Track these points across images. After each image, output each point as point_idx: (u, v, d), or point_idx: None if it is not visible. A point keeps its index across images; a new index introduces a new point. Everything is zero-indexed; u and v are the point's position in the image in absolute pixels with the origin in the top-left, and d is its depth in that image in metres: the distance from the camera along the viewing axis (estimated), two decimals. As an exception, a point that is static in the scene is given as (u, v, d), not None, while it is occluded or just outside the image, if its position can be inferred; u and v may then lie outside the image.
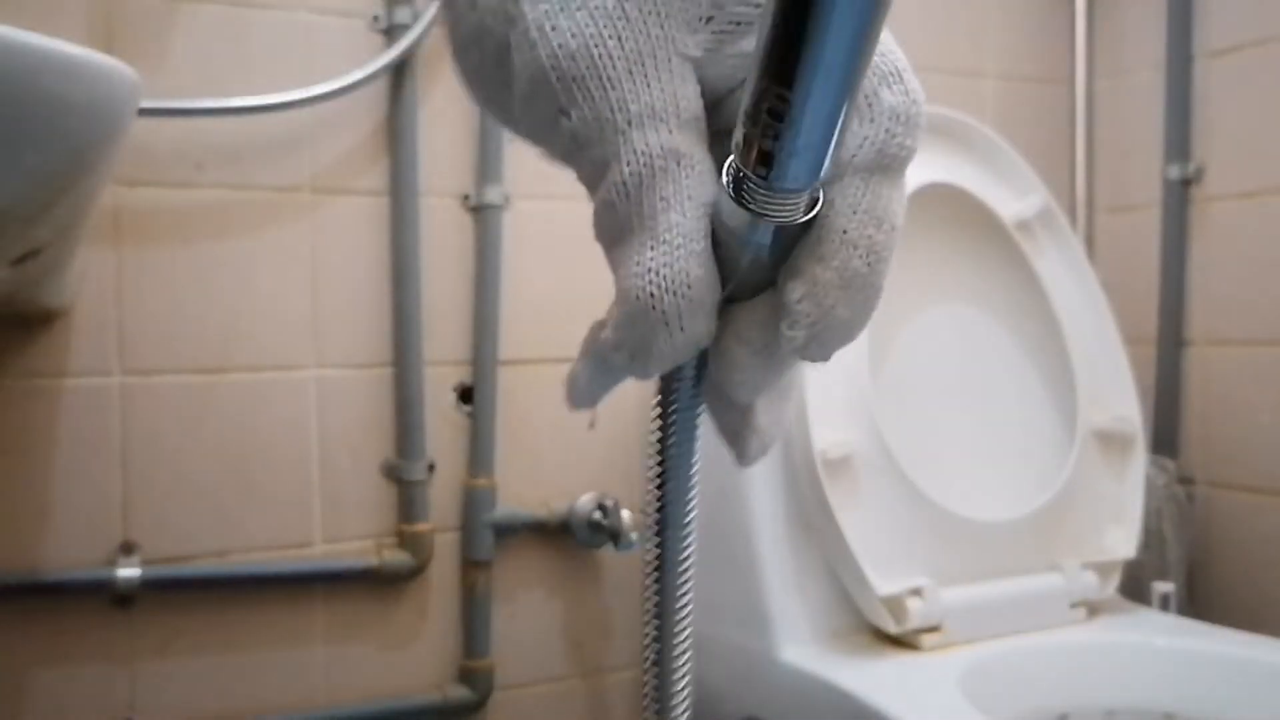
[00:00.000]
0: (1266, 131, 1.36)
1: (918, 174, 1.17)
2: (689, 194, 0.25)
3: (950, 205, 1.19)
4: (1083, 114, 1.55)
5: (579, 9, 0.26)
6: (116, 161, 0.91)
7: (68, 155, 0.63)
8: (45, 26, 0.74)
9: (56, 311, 1.05)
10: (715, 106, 0.27)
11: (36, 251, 0.77)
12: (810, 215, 0.25)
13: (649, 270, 0.25)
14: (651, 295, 0.25)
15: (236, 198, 1.13)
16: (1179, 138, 1.43)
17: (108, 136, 0.66)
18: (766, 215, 0.24)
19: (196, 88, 1.09)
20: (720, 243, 0.26)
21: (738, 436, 0.30)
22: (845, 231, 0.25)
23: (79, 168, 0.67)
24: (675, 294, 0.25)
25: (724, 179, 0.25)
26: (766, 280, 0.26)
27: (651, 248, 0.25)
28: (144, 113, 1.04)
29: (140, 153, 1.08)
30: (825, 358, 0.26)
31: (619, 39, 0.25)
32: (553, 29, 0.25)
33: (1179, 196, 1.44)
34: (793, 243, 0.25)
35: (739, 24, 0.26)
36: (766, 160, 0.23)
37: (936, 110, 1.20)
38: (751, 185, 0.24)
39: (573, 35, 0.25)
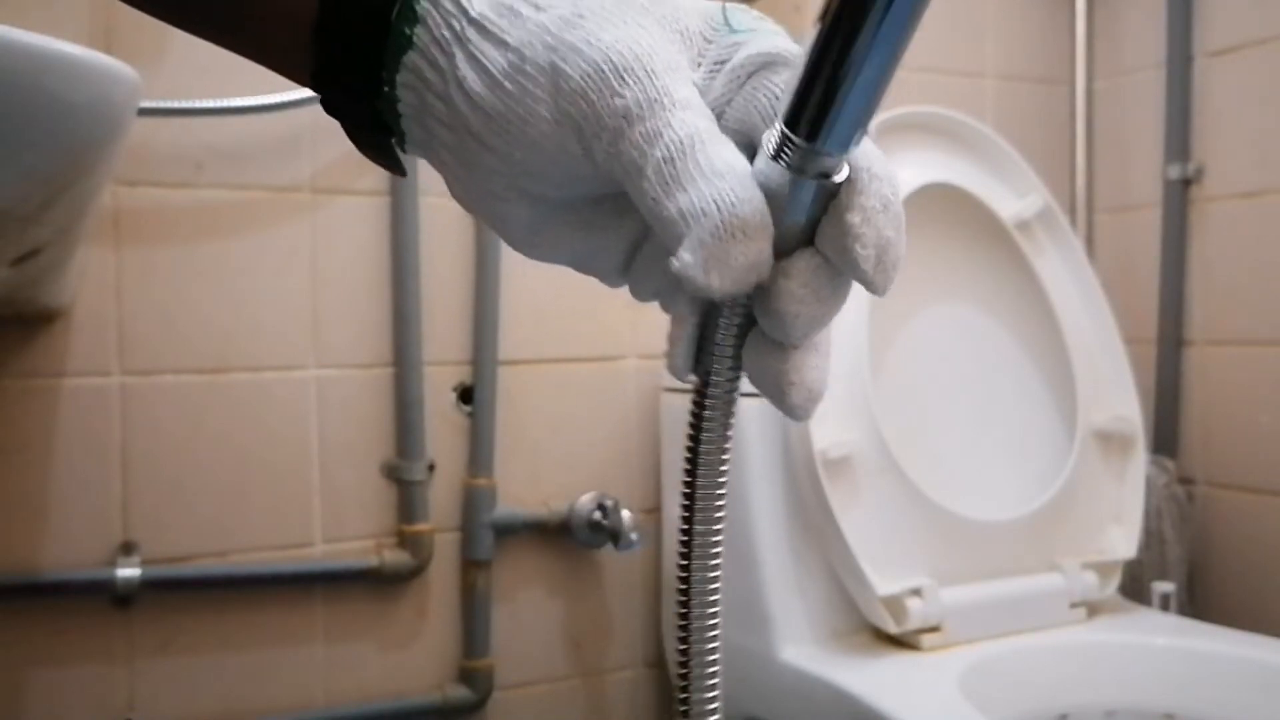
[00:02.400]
0: (1266, 131, 1.36)
1: (918, 174, 1.17)
2: (735, 154, 0.31)
3: (950, 205, 1.19)
4: (1083, 114, 1.55)
5: (617, 28, 0.32)
6: (116, 161, 0.91)
7: (68, 155, 0.63)
8: (45, 27, 0.74)
9: (56, 311, 1.05)
10: None
11: (36, 251, 0.77)
12: (846, 174, 0.31)
13: (721, 192, 0.29)
14: (732, 204, 0.29)
15: (236, 198, 1.13)
16: (1179, 138, 1.43)
17: (108, 136, 0.66)
18: (817, 176, 0.30)
19: (196, 88, 1.09)
20: None
21: (782, 390, 0.33)
22: (869, 169, 0.31)
23: (79, 168, 0.67)
24: (749, 204, 0.29)
25: (768, 148, 0.30)
26: (799, 240, 0.31)
27: (718, 179, 0.29)
28: (144, 113, 1.04)
29: (140, 153, 1.08)
30: (887, 280, 0.31)
31: (654, 51, 0.31)
32: (597, 40, 0.31)
33: (1179, 196, 1.44)
34: (826, 202, 0.31)
35: (720, 64, 0.33)
36: (816, 130, 0.29)
37: (936, 110, 1.20)
38: (794, 152, 0.29)
39: (617, 40, 0.31)
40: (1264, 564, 1.35)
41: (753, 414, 1.11)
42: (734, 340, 0.33)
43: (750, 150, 0.31)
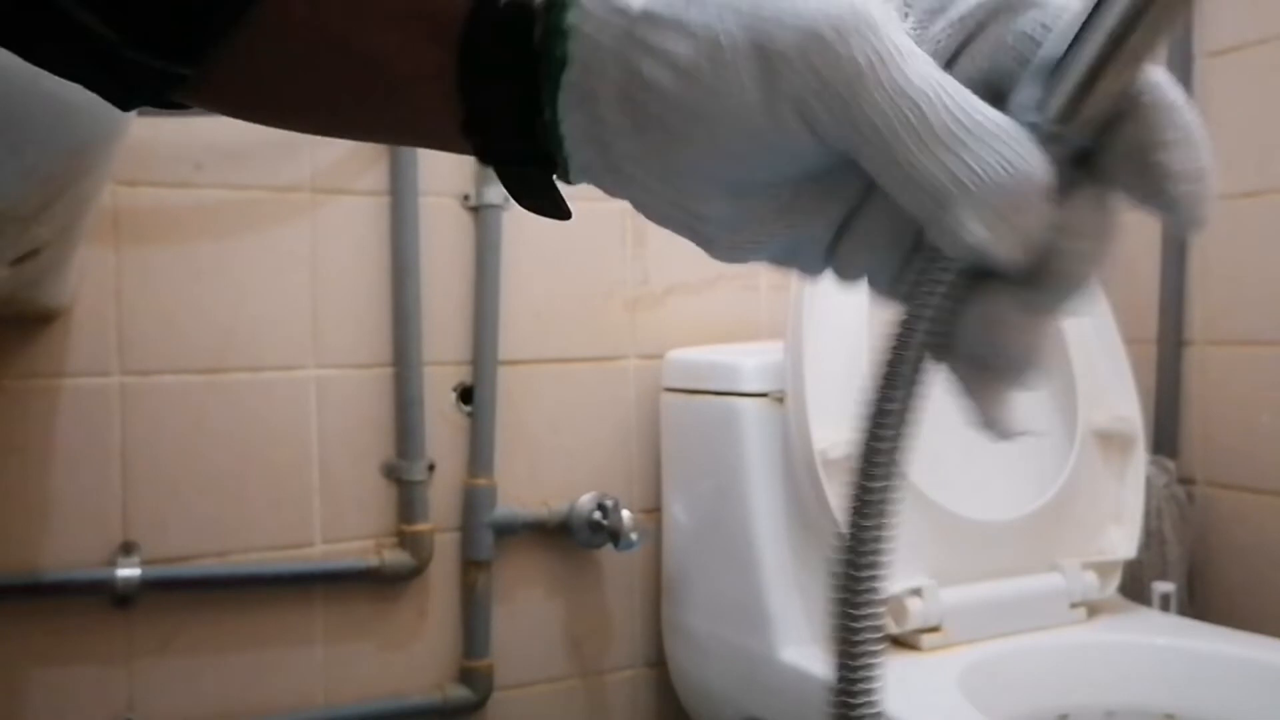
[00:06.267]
0: (1266, 131, 1.36)
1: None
2: (990, 108, 0.29)
3: (950, 205, 1.19)
4: (1083, 114, 1.55)
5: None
6: (116, 161, 0.91)
7: (68, 155, 0.63)
8: (45, 26, 0.74)
9: (56, 311, 1.05)
10: None
11: (36, 251, 0.77)
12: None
13: (1004, 152, 0.28)
14: (1021, 165, 0.27)
15: (236, 198, 1.13)
16: (1179, 138, 1.43)
17: (108, 136, 0.66)
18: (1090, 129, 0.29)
19: (196, 88, 1.09)
20: None
21: (1028, 363, 0.31)
22: (1163, 95, 0.29)
23: (79, 168, 0.67)
24: (1038, 165, 0.28)
25: (1028, 102, 0.29)
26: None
27: (995, 138, 0.28)
28: (144, 112, 1.04)
29: (140, 153, 1.08)
30: (1207, 215, 0.30)
31: (866, 4, 0.29)
32: (803, 6, 0.29)
33: (1179, 196, 1.43)
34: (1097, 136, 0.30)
35: (933, 13, 0.31)
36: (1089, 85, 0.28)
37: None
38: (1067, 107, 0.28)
39: (824, 3, 0.29)
40: (1264, 564, 1.35)
41: (751, 414, 1.11)
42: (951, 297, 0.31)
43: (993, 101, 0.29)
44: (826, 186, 0.32)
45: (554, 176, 0.34)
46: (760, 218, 0.32)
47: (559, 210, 0.36)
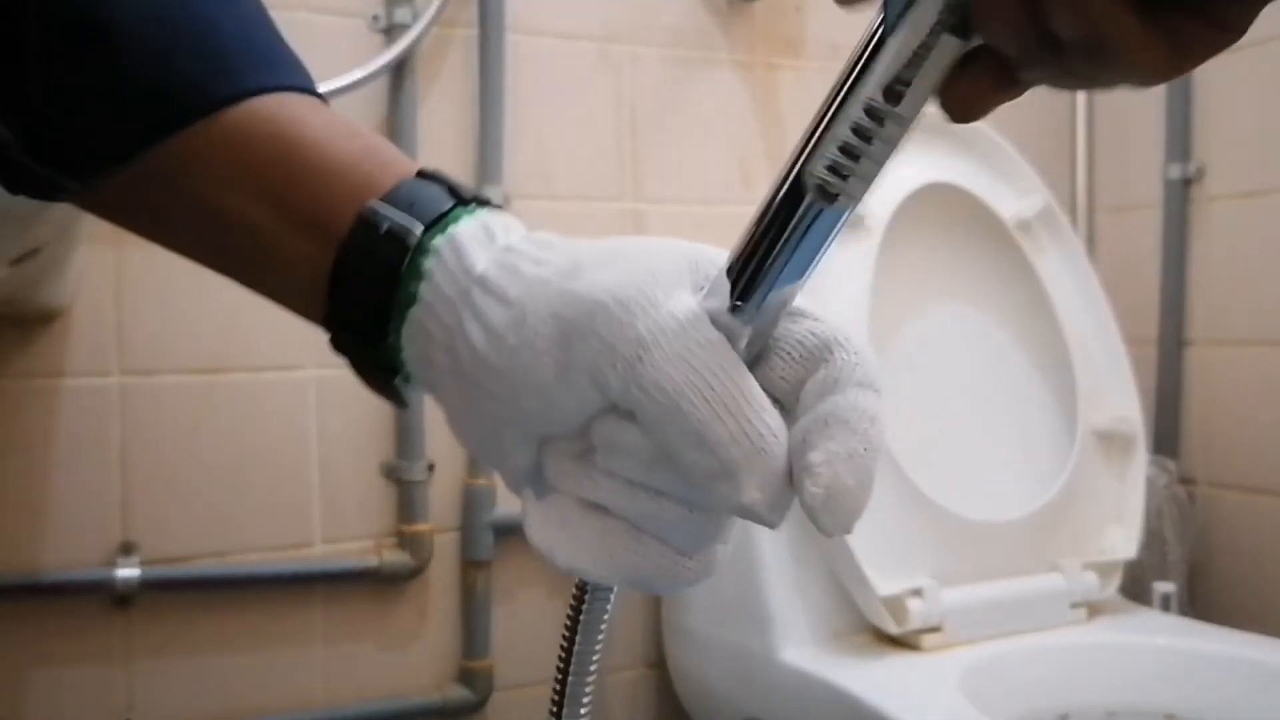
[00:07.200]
0: (1266, 131, 1.36)
1: (918, 174, 1.17)
2: (755, 385, 0.34)
3: (950, 205, 1.19)
4: (1083, 114, 1.55)
5: (614, 268, 0.33)
6: (116, 161, 0.91)
7: (67, 155, 0.63)
8: (44, 26, 0.74)
9: (55, 311, 1.05)
10: None
11: (36, 251, 0.77)
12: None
13: (772, 431, 0.32)
14: (778, 445, 0.32)
15: (236, 197, 1.12)
16: (1179, 137, 1.43)
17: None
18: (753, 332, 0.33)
19: (196, 87, 1.08)
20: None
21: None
22: (850, 417, 0.36)
23: (78, 167, 0.67)
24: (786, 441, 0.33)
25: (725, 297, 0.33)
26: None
27: (766, 414, 0.32)
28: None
29: (140, 152, 1.07)
30: (834, 525, 0.32)
31: (655, 277, 0.33)
32: (596, 282, 0.33)
33: (1179, 196, 1.44)
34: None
35: None
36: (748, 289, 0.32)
37: (937, 109, 1.20)
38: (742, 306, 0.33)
39: (618, 277, 0.33)
40: (1264, 564, 1.35)
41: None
42: None
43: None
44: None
45: (396, 379, 0.37)
46: (556, 469, 0.36)
47: (399, 399, 0.39)
